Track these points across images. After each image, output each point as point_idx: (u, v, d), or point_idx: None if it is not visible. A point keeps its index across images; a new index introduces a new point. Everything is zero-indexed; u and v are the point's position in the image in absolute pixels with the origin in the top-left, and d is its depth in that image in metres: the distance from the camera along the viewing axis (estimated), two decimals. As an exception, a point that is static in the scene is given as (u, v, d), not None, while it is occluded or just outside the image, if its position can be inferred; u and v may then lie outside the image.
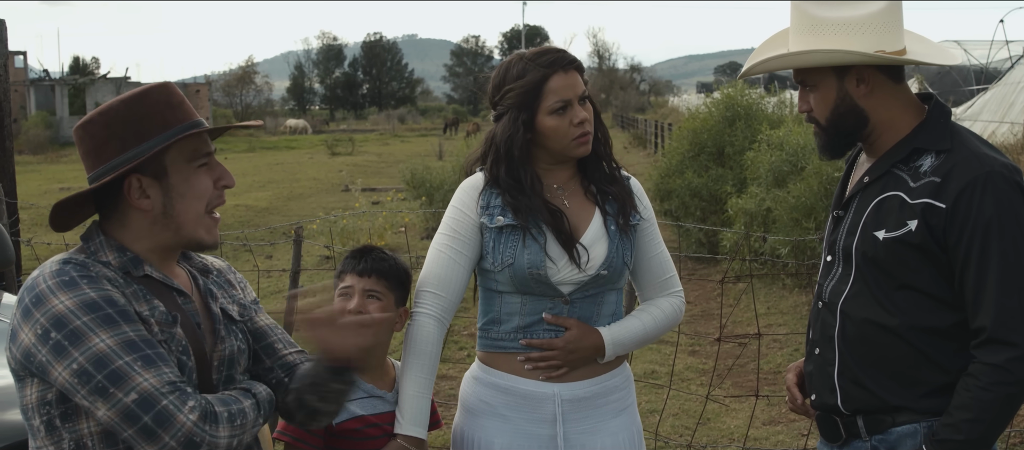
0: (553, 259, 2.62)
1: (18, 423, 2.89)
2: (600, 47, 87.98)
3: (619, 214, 2.72)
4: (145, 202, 2.10)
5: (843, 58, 2.37)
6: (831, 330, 2.48)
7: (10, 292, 4.98)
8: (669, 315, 2.83)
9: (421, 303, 2.67)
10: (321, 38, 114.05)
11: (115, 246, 2.10)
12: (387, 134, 57.86)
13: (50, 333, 1.94)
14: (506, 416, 2.68)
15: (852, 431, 2.47)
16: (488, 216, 2.66)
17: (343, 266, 2.78)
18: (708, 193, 12.25)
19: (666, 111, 49.52)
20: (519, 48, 14.90)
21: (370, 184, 21.67)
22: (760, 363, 6.90)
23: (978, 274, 2.25)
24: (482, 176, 2.73)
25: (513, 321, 2.69)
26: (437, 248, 2.69)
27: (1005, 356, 2.22)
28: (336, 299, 2.76)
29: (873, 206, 2.40)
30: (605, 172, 2.77)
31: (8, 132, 7.61)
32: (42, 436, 2.03)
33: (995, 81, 17.68)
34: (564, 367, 2.67)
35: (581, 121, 2.64)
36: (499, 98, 2.69)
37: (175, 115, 2.09)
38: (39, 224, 15.55)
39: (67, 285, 1.98)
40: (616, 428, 2.74)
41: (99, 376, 1.92)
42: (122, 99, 2.10)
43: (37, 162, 32.59)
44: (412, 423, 2.58)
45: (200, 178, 2.12)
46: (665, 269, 2.84)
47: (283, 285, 9.55)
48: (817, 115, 2.47)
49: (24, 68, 53.56)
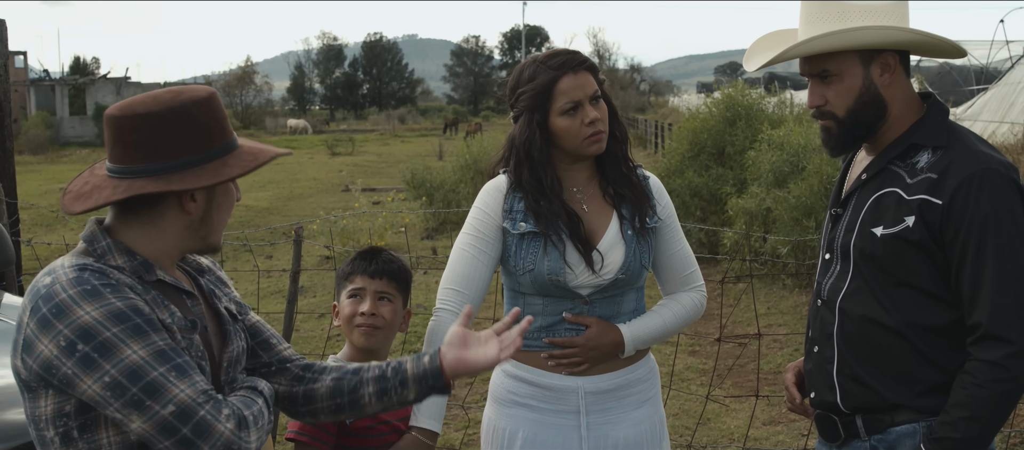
0: (571, 265, 2.69)
1: (18, 424, 2.88)
2: (600, 47, 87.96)
3: (635, 217, 2.77)
4: (192, 206, 2.07)
5: (893, 35, 2.35)
6: (830, 328, 2.48)
7: (10, 292, 4.98)
8: (690, 309, 2.88)
9: (444, 300, 2.73)
10: (321, 38, 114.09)
11: (123, 249, 2.05)
12: (387, 134, 57.90)
13: (77, 345, 1.88)
14: (532, 406, 2.77)
15: (851, 431, 2.47)
16: (511, 221, 2.73)
17: (352, 267, 2.80)
18: (708, 193, 12.26)
19: (666, 111, 49.57)
20: (519, 48, 14.86)
21: (370, 184, 21.68)
22: (760, 363, 6.90)
23: (974, 271, 2.25)
24: (505, 179, 2.79)
25: (536, 321, 2.76)
26: (461, 247, 2.76)
27: (1001, 353, 2.22)
28: (345, 301, 2.79)
29: (871, 203, 2.40)
30: (622, 172, 2.81)
31: (8, 132, 7.61)
32: (57, 447, 1.98)
33: (995, 81, 17.69)
34: (586, 363, 2.75)
35: (592, 120, 2.68)
36: (514, 100, 2.77)
37: (225, 129, 2.10)
38: (39, 224, 15.56)
39: (90, 294, 1.92)
40: (639, 419, 2.82)
41: (134, 389, 1.88)
42: (183, 100, 2.04)
43: (37, 162, 32.60)
44: (429, 416, 2.67)
45: (230, 190, 2.14)
46: (686, 264, 2.89)
47: (283, 285, 9.55)
48: (834, 107, 2.43)
49: (24, 68, 53.60)
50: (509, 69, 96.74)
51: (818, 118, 2.49)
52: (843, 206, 2.51)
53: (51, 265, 2.05)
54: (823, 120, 2.47)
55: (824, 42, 2.36)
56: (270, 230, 13.81)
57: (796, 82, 29.04)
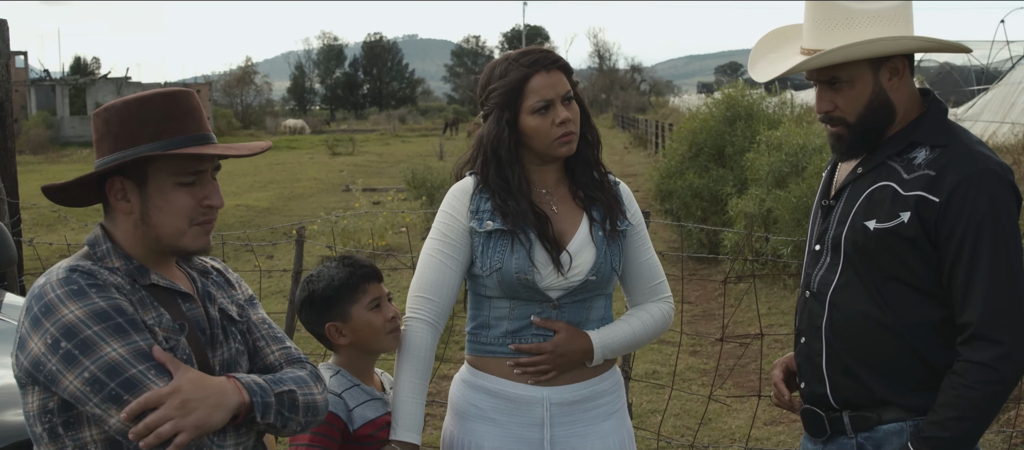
0: (539, 266, 2.62)
1: (15, 424, 2.89)
2: (601, 47, 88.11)
3: (606, 220, 2.71)
4: (124, 204, 2.11)
5: (906, 44, 2.34)
6: (818, 320, 2.47)
7: (12, 292, 4.98)
8: (658, 320, 2.82)
9: (414, 308, 2.67)
10: (322, 38, 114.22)
11: (121, 253, 2.11)
12: (387, 134, 57.85)
13: (60, 342, 1.94)
14: (495, 419, 2.69)
15: (838, 427, 2.47)
16: (478, 221, 2.66)
17: (362, 276, 2.70)
18: (709, 194, 12.25)
19: (667, 111, 49.51)
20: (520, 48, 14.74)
21: (371, 184, 21.67)
22: (762, 363, 6.89)
23: (968, 270, 2.26)
24: (472, 181, 2.73)
25: (502, 326, 2.69)
26: (428, 253, 2.70)
27: (991, 354, 2.22)
28: (367, 314, 2.70)
29: (865, 196, 2.40)
30: (593, 176, 2.75)
31: (10, 132, 7.61)
32: (45, 443, 2.03)
33: (996, 81, 17.67)
34: (553, 371, 2.67)
35: (563, 121, 2.62)
36: (485, 98, 2.71)
37: (170, 126, 2.07)
38: (41, 224, 15.56)
39: (76, 294, 1.98)
40: (606, 431, 2.74)
41: (112, 384, 1.93)
42: (130, 99, 2.10)
43: (38, 162, 32.57)
44: (407, 428, 2.58)
45: (178, 195, 2.09)
46: (654, 275, 2.83)
47: (284, 285, 9.55)
48: (845, 113, 2.41)
49: (25, 68, 53.62)
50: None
51: (827, 124, 2.47)
52: (836, 198, 2.50)
53: (51, 267, 2.09)
54: (833, 126, 2.45)
55: (838, 55, 2.34)
56: (271, 230, 13.81)
57: (796, 82, 29.00)
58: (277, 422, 2.10)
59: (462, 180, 2.77)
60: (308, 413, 2.17)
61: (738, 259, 9.72)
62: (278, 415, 2.09)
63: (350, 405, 2.64)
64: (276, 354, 2.29)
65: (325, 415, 2.26)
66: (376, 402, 2.70)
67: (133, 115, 2.07)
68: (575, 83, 2.70)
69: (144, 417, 1.92)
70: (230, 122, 54.92)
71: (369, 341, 2.71)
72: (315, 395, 2.20)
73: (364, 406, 2.66)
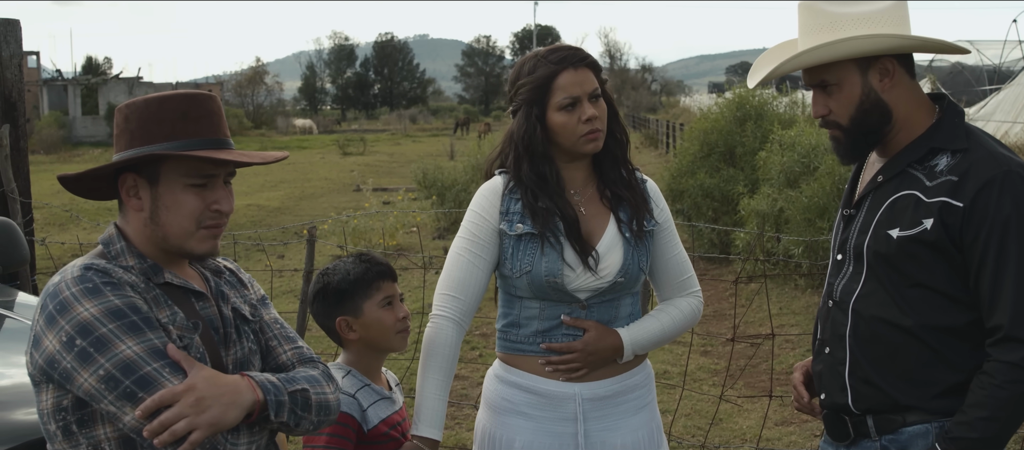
0: (569, 268, 2.64)
1: (27, 423, 2.90)
2: (612, 47, 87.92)
3: (633, 220, 2.73)
4: (135, 202, 2.12)
5: (883, 42, 2.34)
6: (842, 329, 2.47)
7: (25, 291, 5.00)
8: (687, 315, 2.85)
9: (441, 306, 2.69)
10: (333, 38, 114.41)
11: (136, 252, 2.12)
12: (398, 134, 57.94)
13: (75, 340, 1.94)
14: (528, 414, 2.71)
15: (861, 430, 2.46)
16: (508, 223, 2.68)
17: (377, 273, 2.69)
18: (720, 194, 12.23)
19: (678, 111, 49.47)
20: (530, 48, 14.88)
21: (381, 184, 21.71)
22: (773, 363, 6.89)
23: (995, 273, 2.25)
24: (501, 180, 2.75)
25: (532, 325, 2.71)
26: (457, 252, 2.72)
27: (1021, 354, 2.22)
28: (379, 312, 2.70)
29: (887, 205, 2.39)
30: (620, 175, 2.77)
31: (23, 131, 7.63)
32: (59, 441, 2.04)
33: (1008, 81, 17.62)
34: (584, 369, 2.70)
35: (589, 118, 2.64)
36: (514, 94, 2.73)
37: (186, 127, 2.08)
38: (53, 223, 15.63)
39: (91, 292, 1.98)
40: (636, 425, 2.77)
41: (127, 381, 1.93)
42: (151, 97, 2.12)
43: (50, 162, 32.72)
44: (429, 425, 2.60)
45: (187, 198, 2.10)
46: (683, 270, 2.86)
47: (296, 285, 9.57)
48: (838, 117, 2.43)
49: (37, 68, 53.87)
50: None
51: (825, 128, 2.49)
52: (857, 207, 2.50)
53: (66, 265, 2.10)
54: (830, 130, 2.48)
55: (812, 55, 2.36)
56: (282, 230, 13.84)
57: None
58: (290, 420, 2.11)
59: (491, 179, 2.78)
60: (321, 412, 2.18)
61: (749, 259, 9.70)
62: (291, 414, 2.10)
63: (363, 405, 2.65)
64: (288, 354, 2.30)
65: (337, 414, 2.28)
66: (386, 401, 2.72)
67: (152, 113, 2.08)
68: (603, 81, 2.73)
69: (158, 415, 1.92)
70: (241, 122, 55.01)
71: (378, 339, 2.71)
72: (327, 394, 2.21)
73: (376, 406, 2.67)
